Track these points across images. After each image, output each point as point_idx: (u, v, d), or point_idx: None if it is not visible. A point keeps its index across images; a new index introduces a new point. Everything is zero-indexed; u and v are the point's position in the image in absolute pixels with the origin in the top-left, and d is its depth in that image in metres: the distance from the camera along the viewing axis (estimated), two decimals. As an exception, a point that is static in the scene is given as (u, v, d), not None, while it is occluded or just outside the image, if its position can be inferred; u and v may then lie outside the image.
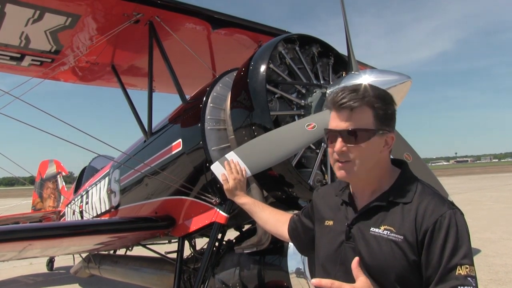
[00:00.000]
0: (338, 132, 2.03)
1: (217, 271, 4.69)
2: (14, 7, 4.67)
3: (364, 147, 2.01)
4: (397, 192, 2.04)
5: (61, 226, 6.47)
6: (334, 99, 2.05)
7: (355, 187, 2.18)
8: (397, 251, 1.89)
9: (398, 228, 1.92)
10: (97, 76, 6.95)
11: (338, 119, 2.05)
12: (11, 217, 11.89)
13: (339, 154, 2.04)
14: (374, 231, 1.97)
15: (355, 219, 2.07)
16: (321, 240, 2.28)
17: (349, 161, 2.03)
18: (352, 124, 2.00)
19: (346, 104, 2.00)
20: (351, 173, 2.04)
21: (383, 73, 3.41)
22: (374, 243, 1.95)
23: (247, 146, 3.38)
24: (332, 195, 2.34)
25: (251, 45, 6.01)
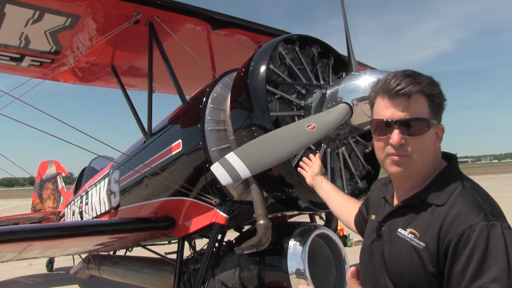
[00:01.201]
0: (395, 122, 1.81)
1: (217, 271, 4.68)
2: (14, 8, 4.67)
3: (423, 139, 1.81)
4: (431, 191, 1.83)
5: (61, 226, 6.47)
6: (388, 85, 1.83)
7: (396, 182, 2.00)
8: (416, 259, 1.72)
9: (422, 234, 1.74)
10: (97, 76, 6.95)
11: (393, 108, 1.82)
12: (11, 217, 11.89)
13: (396, 147, 1.82)
14: (401, 232, 1.82)
15: (387, 217, 1.95)
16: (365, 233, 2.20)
17: (406, 155, 1.83)
18: (411, 113, 1.80)
19: (404, 91, 1.79)
20: (409, 168, 1.85)
21: (383, 74, 3.39)
22: (397, 245, 1.81)
23: (247, 146, 3.38)
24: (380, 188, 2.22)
25: (251, 45, 6.01)
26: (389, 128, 1.83)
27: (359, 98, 3.39)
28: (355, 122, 3.54)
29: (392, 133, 1.82)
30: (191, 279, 5.17)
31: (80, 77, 6.91)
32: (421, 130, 1.80)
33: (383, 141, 1.87)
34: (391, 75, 1.86)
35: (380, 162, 1.96)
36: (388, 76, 1.86)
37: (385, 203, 2.05)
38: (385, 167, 1.93)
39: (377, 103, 1.90)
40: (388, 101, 1.84)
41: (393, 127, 1.81)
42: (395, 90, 1.80)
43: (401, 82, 1.79)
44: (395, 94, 1.80)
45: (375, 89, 1.92)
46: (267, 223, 3.85)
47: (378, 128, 1.89)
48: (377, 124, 1.89)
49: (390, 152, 1.85)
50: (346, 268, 4.24)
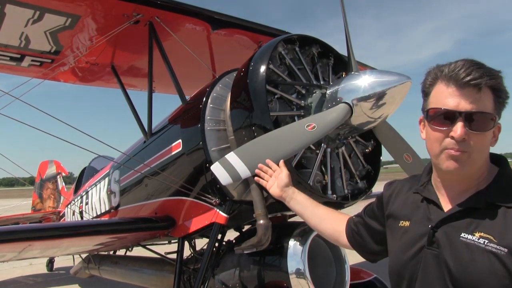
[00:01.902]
0: (460, 114, 1.66)
1: (217, 271, 4.69)
2: (14, 8, 4.67)
3: (485, 136, 1.69)
4: (497, 192, 1.70)
5: (61, 226, 6.47)
6: (457, 74, 1.67)
7: (448, 182, 1.82)
8: (498, 266, 1.55)
9: (500, 238, 1.58)
10: (97, 76, 6.95)
11: (460, 98, 1.67)
12: (11, 217, 11.89)
13: (458, 142, 1.67)
14: (466, 237, 1.64)
15: (442, 221, 1.74)
16: (393, 244, 1.96)
17: (466, 152, 1.68)
18: (480, 106, 1.65)
19: (475, 81, 1.64)
20: (466, 166, 1.69)
21: (383, 74, 3.41)
22: (465, 252, 1.63)
23: (247, 146, 3.38)
24: (407, 191, 2.02)
25: (251, 45, 6.00)
26: (451, 120, 1.69)
27: (359, 98, 3.39)
28: (355, 122, 3.54)
29: (455, 125, 1.67)
30: (191, 279, 5.17)
31: (80, 77, 6.91)
32: (486, 126, 1.68)
33: (442, 133, 1.72)
34: (460, 62, 1.71)
35: (433, 155, 1.79)
36: (457, 64, 1.71)
37: (428, 206, 1.85)
38: (439, 161, 1.76)
39: (438, 90, 1.75)
40: (455, 90, 1.68)
41: (457, 119, 1.67)
42: (466, 80, 1.65)
43: (473, 72, 1.65)
44: (465, 84, 1.66)
45: (436, 76, 1.77)
46: (267, 223, 3.85)
47: (436, 117, 1.73)
48: (436, 112, 1.73)
49: (449, 146, 1.70)
50: (346, 268, 4.24)
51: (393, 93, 3.28)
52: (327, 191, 3.87)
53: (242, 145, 3.47)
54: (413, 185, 2.00)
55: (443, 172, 1.78)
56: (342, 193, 4.04)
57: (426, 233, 1.77)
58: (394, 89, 3.27)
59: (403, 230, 1.90)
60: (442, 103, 1.71)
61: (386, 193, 2.13)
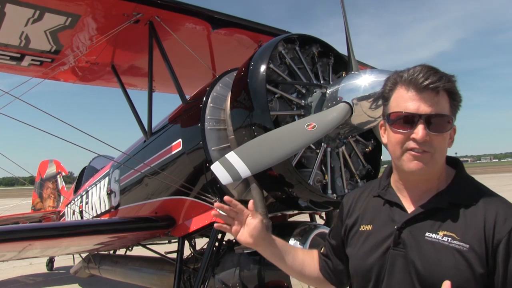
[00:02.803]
0: (420, 116, 1.72)
1: (217, 271, 4.69)
2: (14, 7, 4.67)
3: (444, 137, 1.75)
4: (457, 192, 1.79)
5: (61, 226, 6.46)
6: (416, 78, 1.73)
7: (410, 183, 1.87)
8: (462, 261, 1.64)
9: (462, 235, 1.67)
10: (97, 76, 6.96)
11: (419, 101, 1.73)
12: (11, 217, 11.89)
13: (420, 143, 1.72)
14: (431, 236, 1.71)
15: (407, 222, 1.79)
16: (355, 248, 1.96)
17: (428, 152, 1.74)
18: (438, 109, 1.72)
19: (433, 85, 1.71)
20: (429, 165, 1.75)
21: (383, 73, 3.41)
22: (431, 250, 1.70)
23: (247, 146, 3.38)
24: (367, 196, 2.05)
25: (251, 45, 6.00)
26: (412, 122, 1.74)
27: (359, 97, 3.40)
28: (355, 122, 3.54)
29: (416, 127, 1.72)
30: (191, 278, 5.17)
31: (80, 77, 6.91)
32: (444, 127, 1.74)
33: (403, 135, 1.76)
34: (418, 68, 1.77)
35: (395, 157, 1.84)
36: (416, 69, 1.77)
37: (391, 208, 1.89)
38: (401, 163, 1.80)
39: (398, 95, 1.80)
40: (415, 94, 1.74)
41: (417, 122, 1.72)
42: (425, 84, 1.71)
43: (431, 76, 1.72)
44: (424, 88, 1.72)
45: (395, 81, 1.82)
46: (267, 222, 3.85)
47: (398, 121, 1.78)
48: (398, 116, 1.78)
49: (411, 147, 1.75)
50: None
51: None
52: (327, 190, 3.88)
53: (242, 145, 3.46)
54: (372, 190, 2.04)
55: (406, 173, 1.83)
56: (343, 192, 4.04)
57: (391, 235, 1.81)
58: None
59: (366, 234, 1.93)
60: (403, 106, 1.76)
61: (345, 202, 2.15)
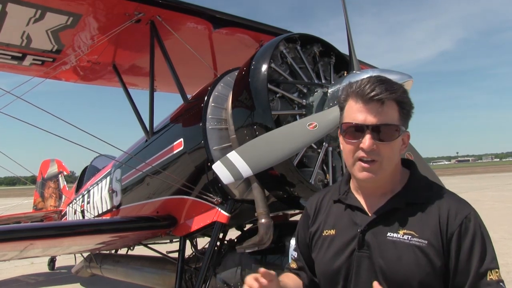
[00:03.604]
0: (367, 127, 1.80)
1: (219, 270, 4.69)
2: (16, 7, 4.68)
3: (393, 145, 1.83)
4: (412, 193, 1.88)
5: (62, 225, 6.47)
6: (362, 90, 1.82)
7: (366, 189, 1.96)
8: (422, 257, 1.73)
9: (421, 232, 1.76)
10: (99, 75, 6.96)
11: (366, 112, 1.81)
12: (12, 216, 11.91)
13: (367, 152, 1.81)
14: (392, 236, 1.80)
15: (369, 225, 1.86)
16: (321, 253, 2.01)
17: (376, 161, 1.82)
18: (384, 119, 1.80)
19: (378, 97, 1.79)
20: (378, 174, 1.84)
21: (385, 72, 3.39)
22: (393, 249, 1.77)
23: (248, 145, 3.38)
24: (328, 201, 2.11)
25: (253, 44, 6.00)
26: (361, 133, 1.82)
27: (360, 97, 3.39)
28: (357, 121, 3.54)
29: (363, 137, 1.81)
30: (193, 277, 5.18)
31: (82, 76, 6.91)
32: (392, 136, 1.82)
33: (353, 145, 1.85)
34: (366, 79, 1.86)
35: (348, 166, 1.93)
36: (363, 81, 1.85)
37: (352, 212, 1.95)
38: (353, 172, 1.89)
39: (349, 106, 1.88)
40: (362, 106, 1.82)
41: (365, 132, 1.81)
42: (370, 95, 1.79)
43: (376, 88, 1.79)
44: (369, 99, 1.80)
45: (347, 92, 1.91)
46: (268, 222, 3.86)
47: (348, 131, 1.87)
48: (348, 127, 1.87)
49: (360, 156, 1.83)
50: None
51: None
52: (328, 190, 3.87)
53: (244, 144, 3.47)
54: (333, 195, 2.10)
55: (359, 181, 1.93)
56: (344, 192, 4.03)
57: (354, 238, 1.88)
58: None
59: (330, 238, 1.98)
60: (352, 117, 1.85)
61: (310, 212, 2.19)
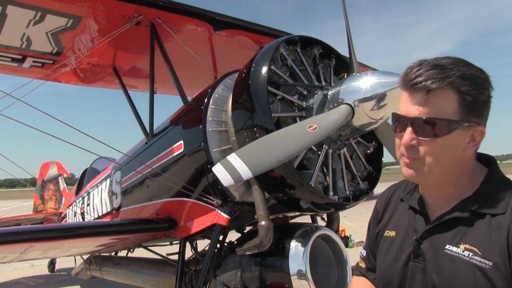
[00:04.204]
0: (408, 119, 1.58)
1: (219, 272, 4.69)
2: (16, 9, 4.67)
3: (440, 142, 1.54)
4: (483, 199, 1.57)
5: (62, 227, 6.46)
6: (407, 76, 1.58)
7: (425, 190, 1.74)
8: (482, 280, 1.46)
9: (484, 250, 1.48)
10: (99, 77, 6.95)
11: (410, 103, 1.58)
12: (12, 218, 11.91)
13: (407, 149, 1.60)
14: (451, 249, 1.54)
15: (427, 232, 1.64)
16: (380, 255, 1.84)
17: (418, 159, 1.58)
18: (428, 111, 1.53)
19: (421, 84, 1.53)
20: (421, 173, 1.60)
21: (385, 75, 3.41)
22: (449, 265, 1.54)
23: (248, 147, 3.38)
24: (396, 199, 1.91)
25: (253, 46, 6.00)
26: (404, 125, 1.60)
27: (360, 99, 3.39)
28: (357, 123, 3.54)
29: (405, 131, 1.59)
30: (193, 280, 5.17)
31: (82, 78, 6.91)
32: (440, 131, 1.53)
33: (399, 138, 1.64)
34: (414, 64, 1.59)
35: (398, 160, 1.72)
36: (412, 65, 1.60)
37: (415, 215, 1.74)
38: (401, 168, 1.68)
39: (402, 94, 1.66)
40: (407, 94, 1.60)
41: (407, 125, 1.59)
42: (413, 83, 1.55)
43: (423, 73, 1.53)
44: (412, 87, 1.56)
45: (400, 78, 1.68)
46: (268, 224, 3.85)
47: (394, 123, 1.66)
48: (393, 119, 1.67)
49: (401, 152, 1.63)
50: (347, 269, 4.24)
51: (395, 94, 3.28)
52: (328, 192, 3.87)
53: (244, 146, 3.47)
54: (401, 193, 1.90)
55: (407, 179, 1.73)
56: (344, 194, 4.04)
57: (411, 244, 1.68)
58: (395, 90, 3.26)
59: (389, 240, 1.81)
60: (399, 108, 1.64)
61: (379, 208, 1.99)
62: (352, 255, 4.52)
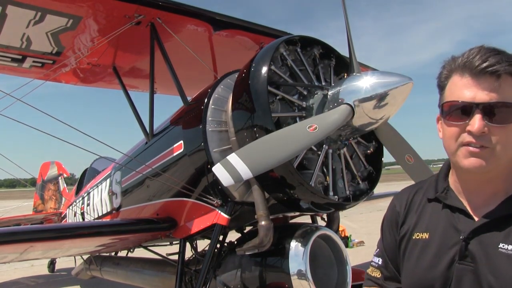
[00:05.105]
0: (477, 105, 1.48)
1: (219, 273, 4.68)
2: (16, 9, 4.67)
3: (510, 129, 1.48)
4: None
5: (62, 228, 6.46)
6: (471, 62, 1.50)
7: (471, 184, 1.62)
8: None
9: None
10: (99, 77, 6.95)
11: (476, 88, 1.49)
12: (12, 218, 11.91)
13: (476, 137, 1.48)
14: (506, 248, 1.45)
15: (474, 231, 1.53)
16: (410, 261, 1.71)
17: (488, 147, 1.48)
18: (501, 96, 1.46)
19: (492, 68, 1.46)
20: (489, 162, 1.49)
21: (385, 75, 3.41)
22: (507, 265, 1.44)
23: (248, 147, 3.38)
24: (420, 200, 1.79)
25: (253, 46, 6.00)
26: (468, 113, 1.50)
27: (360, 99, 3.39)
28: (357, 123, 3.54)
29: (472, 118, 1.49)
30: (193, 280, 5.17)
31: (82, 78, 6.91)
32: (508, 118, 1.47)
33: (458, 127, 1.53)
34: (475, 50, 1.53)
35: (450, 153, 1.60)
36: (472, 51, 1.53)
37: (453, 215, 1.64)
38: (457, 159, 1.56)
39: (452, 82, 1.58)
40: (470, 80, 1.51)
41: (474, 112, 1.48)
42: (481, 67, 1.48)
43: (489, 58, 1.47)
44: (480, 72, 1.48)
45: (450, 68, 1.60)
46: (268, 224, 3.85)
47: (452, 112, 1.55)
48: (451, 107, 1.55)
49: (467, 141, 1.51)
50: (347, 269, 4.24)
51: (395, 94, 3.29)
52: (328, 192, 3.87)
53: (244, 146, 3.46)
54: (427, 192, 1.78)
55: (464, 172, 1.60)
56: (344, 194, 4.04)
57: (454, 246, 1.57)
58: (395, 90, 3.27)
59: (422, 243, 1.67)
60: (457, 95, 1.54)
61: (399, 210, 1.85)
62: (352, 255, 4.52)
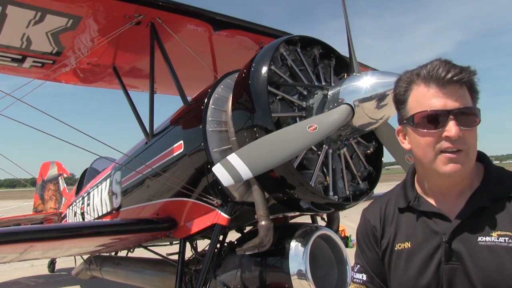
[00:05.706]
0: (450, 112, 1.57)
1: (219, 273, 4.68)
2: (16, 9, 4.67)
3: (475, 131, 1.61)
4: (495, 186, 1.64)
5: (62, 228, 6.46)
6: (437, 73, 1.60)
7: (443, 188, 1.71)
8: None
9: None
10: (99, 77, 6.95)
11: (444, 97, 1.59)
12: (12, 218, 11.91)
13: (454, 141, 1.57)
14: (485, 240, 1.54)
15: (454, 231, 1.60)
16: (398, 272, 1.74)
17: (462, 150, 1.58)
18: (466, 101, 1.60)
19: (458, 77, 1.58)
20: (466, 164, 1.60)
21: (385, 75, 3.41)
22: (490, 256, 1.52)
23: (248, 147, 3.38)
24: (393, 210, 1.84)
25: (253, 46, 6.00)
26: (441, 120, 1.59)
27: (360, 99, 3.40)
28: (357, 123, 3.54)
29: (447, 125, 1.57)
30: (193, 280, 5.17)
31: (82, 78, 6.91)
32: (474, 121, 1.60)
33: (432, 136, 1.61)
34: (436, 62, 1.63)
35: (427, 161, 1.65)
36: (434, 63, 1.63)
37: (430, 220, 1.69)
38: (436, 167, 1.62)
39: (418, 93, 1.65)
40: (438, 90, 1.60)
41: (448, 118, 1.57)
42: (448, 77, 1.58)
43: (451, 69, 1.59)
44: (447, 82, 1.59)
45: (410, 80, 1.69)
46: (268, 224, 3.85)
47: (424, 121, 1.62)
48: (424, 117, 1.62)
49: (444, 147, 1.59)
50: (347, 269, 4.24)
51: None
52: (328, 192, 3.87)
53: (244, 146, 3.47)
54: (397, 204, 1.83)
55: (442, 177, 1.66)
56: (344, 194, 4.04)
57: (438, 249, 1.63)
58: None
59: (406, 253, 1.72)
60: (428, 105, 1.61)
61: (375, 225, 1.88)
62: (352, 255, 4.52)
